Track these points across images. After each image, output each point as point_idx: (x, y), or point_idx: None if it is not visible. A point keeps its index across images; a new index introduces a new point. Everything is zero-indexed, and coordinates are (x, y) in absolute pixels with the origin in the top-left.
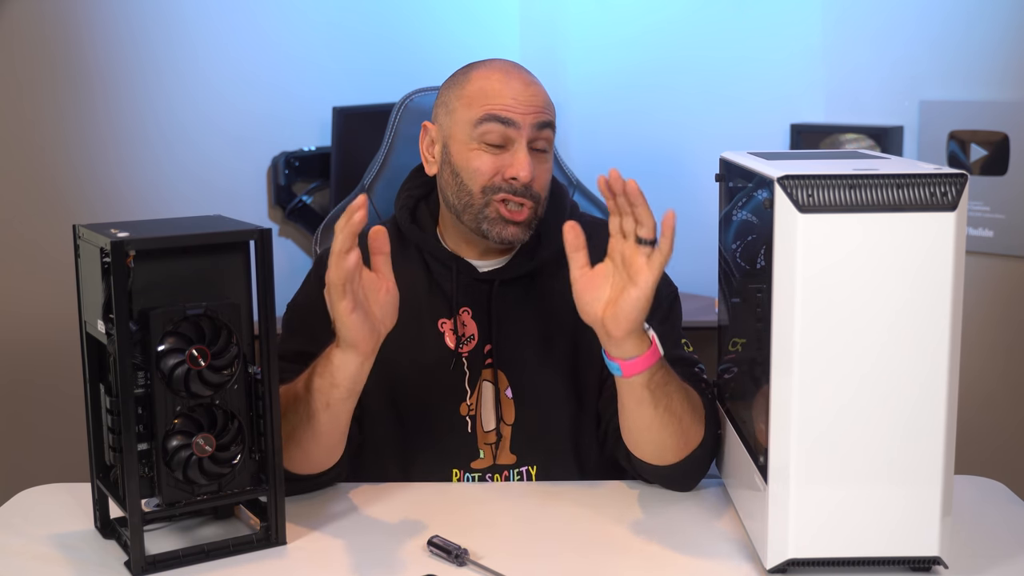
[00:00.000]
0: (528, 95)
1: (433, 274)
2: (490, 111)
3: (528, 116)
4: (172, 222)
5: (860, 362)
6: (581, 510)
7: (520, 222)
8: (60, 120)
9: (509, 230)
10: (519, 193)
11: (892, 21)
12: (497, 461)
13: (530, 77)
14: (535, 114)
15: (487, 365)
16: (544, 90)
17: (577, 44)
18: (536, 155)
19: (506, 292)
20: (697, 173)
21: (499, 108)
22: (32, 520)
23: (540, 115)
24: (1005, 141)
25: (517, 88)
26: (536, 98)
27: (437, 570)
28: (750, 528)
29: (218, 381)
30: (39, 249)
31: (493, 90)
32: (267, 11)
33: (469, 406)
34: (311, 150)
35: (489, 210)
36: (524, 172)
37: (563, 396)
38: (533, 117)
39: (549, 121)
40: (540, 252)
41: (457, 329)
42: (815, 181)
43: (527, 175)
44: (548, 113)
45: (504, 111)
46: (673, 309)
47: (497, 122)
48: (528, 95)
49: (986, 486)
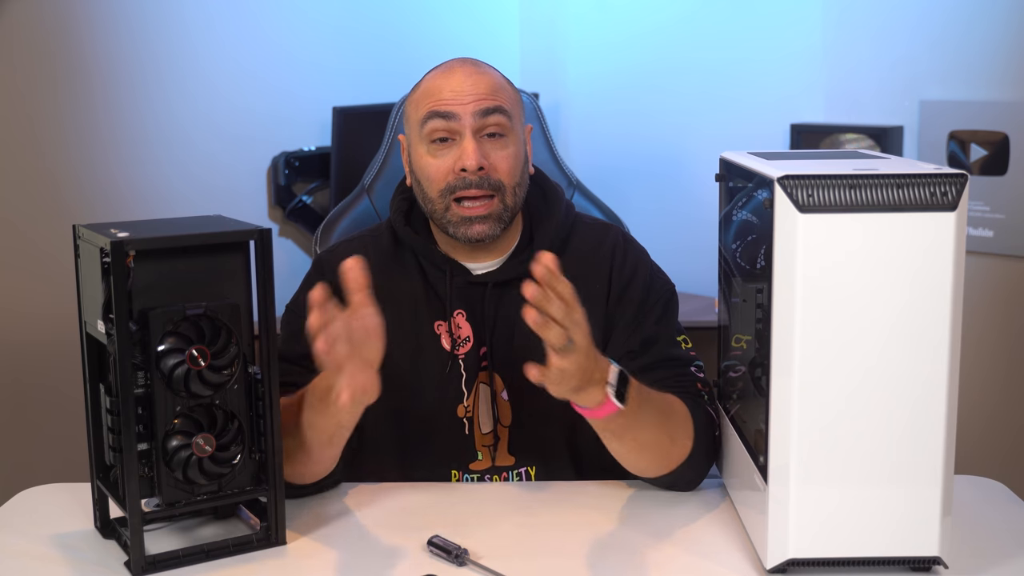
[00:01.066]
0: (468, 85)
1: (428, 277)
2: (431, 107)
3: (468, 105)
4: (172, 222)
5: (860, 362)
6: (581, 510)
7: (484, 216)
8: (60, 120)
9: (474, 228)
10: (475, 185)
11: (892, 21)
12: (495, 463)
13: (473, 68)
14: (476, 102)
15: (483, 367)
16: (492, 78)
17: (577, 44)
18: (489, 142)
19: (500, 294)
20: (697, 173)
21: (439, 103)
22: (32, 520)
23: (482, 102)
24: (1005, 141)
25: (457, 80)
26: (477, 86)
27: (437, 570)
28: (750, 528)
29: (218, 381)
30: (39, 249)
31: (434, 87)
32: (267, 11)
33: (466, 408)
34: (311, 150)
35: (450, 214)
36: (471, 160)
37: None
38: (474, 105)
39: (496, 106)
40: (533, 252)
41: (452, 332)
42: (815, 181)
43: (473, 162)
44: (495, 98)
45: (443, 105)
46: (668, 308)
47: (438, 117)
48: (468, 85)
49: (986, 486)
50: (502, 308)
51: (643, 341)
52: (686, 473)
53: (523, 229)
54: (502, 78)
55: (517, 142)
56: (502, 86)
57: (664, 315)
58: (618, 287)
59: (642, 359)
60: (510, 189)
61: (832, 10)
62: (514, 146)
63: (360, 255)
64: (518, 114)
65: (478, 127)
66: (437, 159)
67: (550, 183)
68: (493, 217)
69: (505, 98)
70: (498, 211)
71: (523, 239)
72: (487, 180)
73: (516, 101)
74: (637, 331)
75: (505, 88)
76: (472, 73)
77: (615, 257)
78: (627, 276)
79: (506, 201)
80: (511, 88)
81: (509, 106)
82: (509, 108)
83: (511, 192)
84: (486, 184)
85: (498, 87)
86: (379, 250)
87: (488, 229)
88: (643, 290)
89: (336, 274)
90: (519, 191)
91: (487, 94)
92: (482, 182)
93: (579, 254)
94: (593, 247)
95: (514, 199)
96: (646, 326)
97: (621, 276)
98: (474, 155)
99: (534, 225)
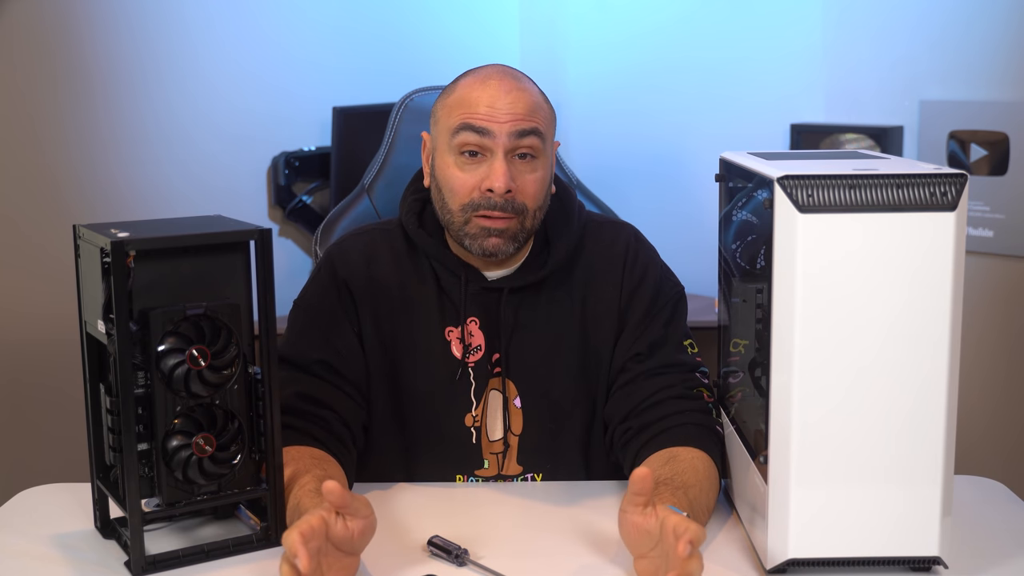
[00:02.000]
0: (506, 102)
1: (441, 281)
2: (465, 119)
3: (505, 124)
4: (172, 222)
5: (860, 362)
6: (581, 510)
7: (502, 231)
8: (60, 120)
9: (491, 241)
10: (498, 207)
11: (892, 21)
12: (502, 471)
13: (513, 83)
14: (512, 122)
15: (495, 374)
16: (531, 95)
17: (577, 44)
18: (519, 164)
19: (514, 300)
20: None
21: (474, 116)
22: (32, 520)
23: (519, 123)
24: (1005, 141)
25: (494, 95)
26: (516, 105)
27: (437, 570)
28: (750, 528)
29: (218, 381)
30: (39, 249)
31: (470, 98)
32: (267, 11)
33: (474, 417)
34: (311, 150)
35: (469, 226)
36: (500, 182)
37: (573, 404)
38: (511, 125)
39: (532, 128)
40: (549, 260)
41: (464, 339)
42: (815, 181)
43: (503, 185)
44: (532, 119)
45: (479, 119)
46: (677, 311)
47: (472, 131)
48: (506, 102)
49: (986, 486)
50: (518, 314)
51: (651, 344)
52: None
53: (538, 233)
54: (540, 94)
55: (546, 165)
56: (539, 105)
57: (673, 318)
58: (629, 286)
59: (648, 362)
60: (532, 212)
61: (832, 10)
62: (543, 169)
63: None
64: (551, 134)
65: (511, 147)
66: (464, 172)
67: (563, 186)
68: (509, 234)
69: (541, 118)
70: (515, 230)
71: (537, 243)
72: (511, 203)
73: (551, 120)
74: (646, 333)
75: (542, 107)
76: (512, 89)
77: (627, 256)
78: (638, 276)
79: (525, 224)
80: (547, 106)
81: (544, 127)
82: (544, 129)
83: (532, 215)
84: (510, 207)
85: (536, 107)
86: (392, 249)
87: (503, 244)
88: (653, 291)
89: (347, 269)
90: (539, 214)
91: (525, 114)
92: (507, 205)
93: (592, 254)
94: (606, 246)
95: (533, 222)
96: (655, 328)
97: (632, 275)
98: (503, 178)
99: (550, 230)
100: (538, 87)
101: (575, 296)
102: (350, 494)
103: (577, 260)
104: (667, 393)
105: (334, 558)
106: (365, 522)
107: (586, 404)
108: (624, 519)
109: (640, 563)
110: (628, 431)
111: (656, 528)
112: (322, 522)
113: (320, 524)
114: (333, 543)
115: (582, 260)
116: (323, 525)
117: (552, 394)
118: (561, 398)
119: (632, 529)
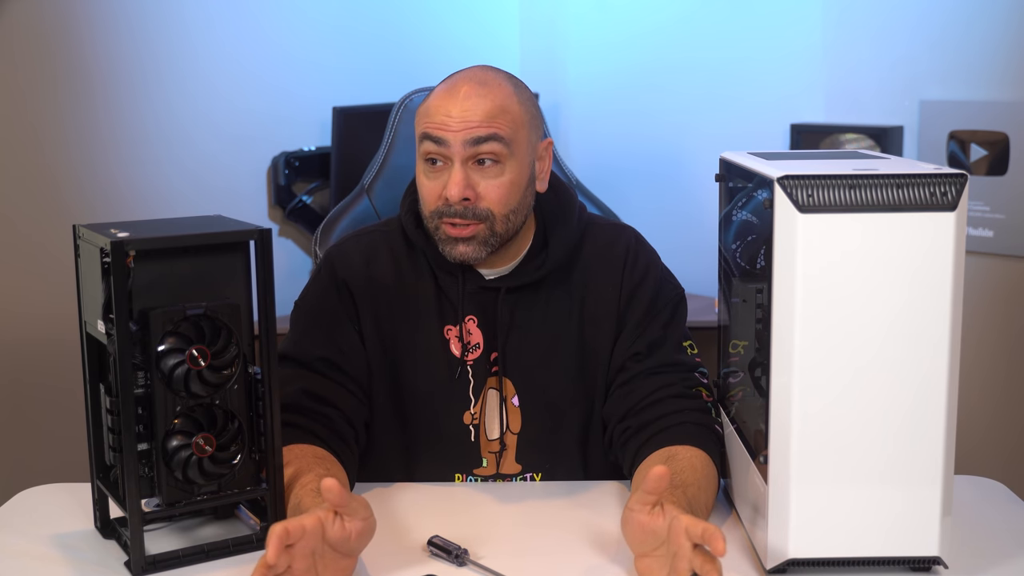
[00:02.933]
0: (461, 110)
1: (439, 281)
2: (425, 129)
3: (459, 133)
4: (172, 222)
5: (860, 362)
6: (581, 510)
7: (468, 238)
8: (60, 120)
9: (458, 248)
10: (458, 215)
11: (892, 21)
12: (500, 470)
13: (474, 89)
14: (466, 130)
15: (493, 373)
16: (491, 101)
17: (577, 44)
18: (481, 169)
19: (512, 299)
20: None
21: (431, 126)
22: (32, 520)
23: (472, 130)
24: (1005, 141)
25: (450, 104)
26: (469, 112)
27: (437, 570)
28: (750, 528)
29: (218, 381)
30: (39, 249)
31: (432, 107)
32: (267, 11)
33: (473, 415)
34: (311, 150)
35: (439, 232)
36: (453, 191)
37: (571, 403)
38: (464, 134)
39: (490, 135)
40: (547, 260)
41: (463, 337)
42: (815, 181)
43: (456, 193)
44: (490, 125)
45: (435, 129)
46: (677, 313)
47: (430, 140)
48: (461, 110)
49: (986, 486)
50: (516, 313)
51: (649, 344)
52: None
53: (536, 232)
54: (510, 97)
55: (515, 168)
56: (503, 109)
57: (672, 319)
58: (629, 288)
59: (647, 362)
60: (500, 217)
61: (832, 10)
62: (510, 173)
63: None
64: (522, 137)
65: (468, 155)
66: (429, 180)
67: (563, 186)
68: (478, 240)
69: (505, 122)
70: (484, 235)
71: (536, 243)
72: (472, 210)
73: (521, 123)
74: (644, 334)
75: (508, 110)
76: (472, 95)
77: (627, 258)
78: (638, 277)
79: (495, 228)
80: (518, 108)
81: (508, 131)
82: (508, 134)
83: (501, 220)
84: (471, 214)
85: (498, 111)
86: (391, 248)
87: (472, 251)
88: (652, 293)
89: (347, 269)
90: (514, 216)
91: (482, 121)
92: (467, 212)
93: (592, 255)
94: (606, 248)
95: (506, 225)
96: (653, 329)
97: (632, 278)
98: (457, 187)
99: (548, 230)
100: (514, 88)
101: (574, 296)
102: (349, 494)
103: (576, 260)
104: (666, 392)
105: (330, 559)
106: (364, 524)
107: (584, 404)
108: (630, 517)
109: (641, 562)
110: (627, 430)
111: (663, 528)
112: (317, 523)
113: (314, 525)
114: (330, 544)
115: (581, 260)
116: (318, 526)
117: (550, 393)
118: (559, 397)
119: (637, 528)
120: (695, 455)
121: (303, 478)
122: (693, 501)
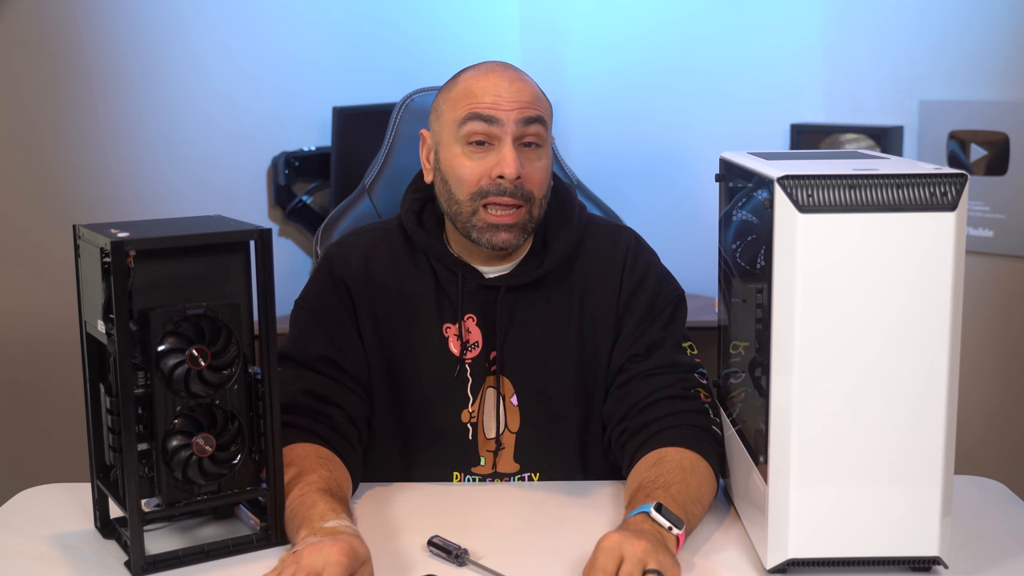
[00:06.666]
0: (512, 91)
1: (439, 279)
2: (472, 109)
3: (512, 112)
4: (172, 222)
5: (860, 362)
6: (581, 510)
7: (511, 225)
8: (60, 120)
9: (500, 236)
10: (508, 193)
11: (892, 21)
12: (497, 469)
13: (516, 74)
14: (519, 109)
15: (492, 371)
16: (533, 86)
17: (577, 44)
18: (526, 152)
19: (512, 298)
20: (697, 173)
21: (481, 106)
22: (32, 520)
23: (525, 110)
24: (1005, 141)
25: (500, 84)
26: (521, 93)
27: (437, 570)
28: (750, 528)
29: (218, 381)
30: (39, 249)
31: (476, 88)
32: (267, 11)
33: (471, 413)
34: (311, 150)
35: (476, 219)
36: (510, 168)
37: (570, 403)
38: (517, 112)
39: (537, 116)
40: (547, 258)
41: (462, 336)
42: (815, 181)
43: (513, 171)
44: (536, 108)
45: (486, 108)
46: (676, 313)
47: (480, 120)
48: (512, 91)
49: (986, 486)
50: (515, 312)
51: (648, 345)
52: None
53: (536, 232)
54: (538, 87)
55: (548, 155)
56: (540, 96)
57: (671, 320)
58: (628, 289)
59: (646, 363)
60: (538, 201)
61: (832, 10)
62: (547, 158)
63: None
64: (551, 125)
65: (519, 135)
66: (473, 161)
67: (563, 186)
68: (519, 226)
69: (544, 108)
70: (524, 221)
71: (536, 242)
72: (520, 190)
73: (550, 112)
74: (643, 335)
75: (543, 99)
76: (515, 79)
77: (627, 259)
78: (637, 279)
79: (532, 212)
80: (546, 99)
81: (547, 117)
82: (547, 119)
83: (538, 204)
84: (519, 194)
85: (538, 97)
86: (391, 247)
87: (513, 238)
88: (652, 294)
89: (345, 268)
90: (544, 203)
91: (530, 102)
92: (516, 191)
93: (592, 256)
94: (606, 249)
95: (539, 211)
96: (652, 330)
97: (632, 279)
98: (514, 163)
99: (548, 229)
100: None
101: (574, 296)
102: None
103: (576, 261)
104: (664, 393)
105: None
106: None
107: (583, 404)
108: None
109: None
110: (624, 432)
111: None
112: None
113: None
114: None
115: (581, 261)
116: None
117: (548, 393)
118: (558, 397)
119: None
120: (684, 456)
121: (308, 477)
122: (675, 497)
